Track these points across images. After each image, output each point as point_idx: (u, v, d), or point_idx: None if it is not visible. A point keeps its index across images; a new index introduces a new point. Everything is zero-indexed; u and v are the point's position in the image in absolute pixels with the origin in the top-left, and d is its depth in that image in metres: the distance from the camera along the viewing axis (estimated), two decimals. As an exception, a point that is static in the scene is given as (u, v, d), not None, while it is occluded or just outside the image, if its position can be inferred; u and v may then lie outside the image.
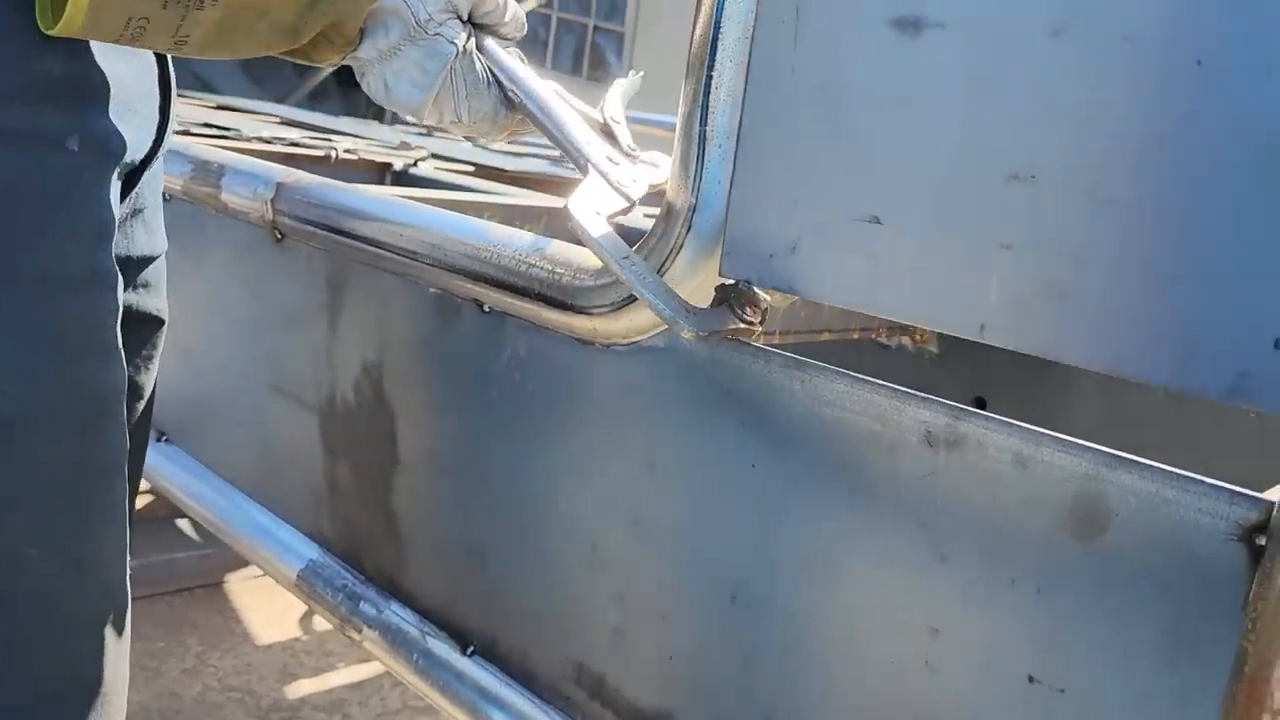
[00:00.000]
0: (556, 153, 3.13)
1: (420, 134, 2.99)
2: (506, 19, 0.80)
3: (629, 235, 0.69)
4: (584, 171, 0.74)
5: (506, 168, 2.15)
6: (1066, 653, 0.53)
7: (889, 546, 0.60)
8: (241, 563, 2.02)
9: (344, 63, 0.76)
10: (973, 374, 1.17)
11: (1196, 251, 0.47)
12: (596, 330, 0.73)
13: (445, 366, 0.88)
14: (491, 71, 0.77)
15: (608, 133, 0.78)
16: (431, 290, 0.87)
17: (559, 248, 0.76)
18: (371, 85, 0.76)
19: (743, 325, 0.64)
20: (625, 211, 0.72)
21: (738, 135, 0.63)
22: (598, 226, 0.66)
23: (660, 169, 0.76)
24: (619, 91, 0.82)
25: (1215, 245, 0.46)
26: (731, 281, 0.65)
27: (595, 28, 9.53)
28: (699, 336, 0.62)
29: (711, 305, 0.65)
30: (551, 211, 1.49)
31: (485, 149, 3.19)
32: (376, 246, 0.89)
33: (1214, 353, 0.47)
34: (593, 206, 0.69)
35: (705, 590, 0.69)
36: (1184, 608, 0.50)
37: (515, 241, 0.78)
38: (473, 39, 0.77)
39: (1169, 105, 0.47)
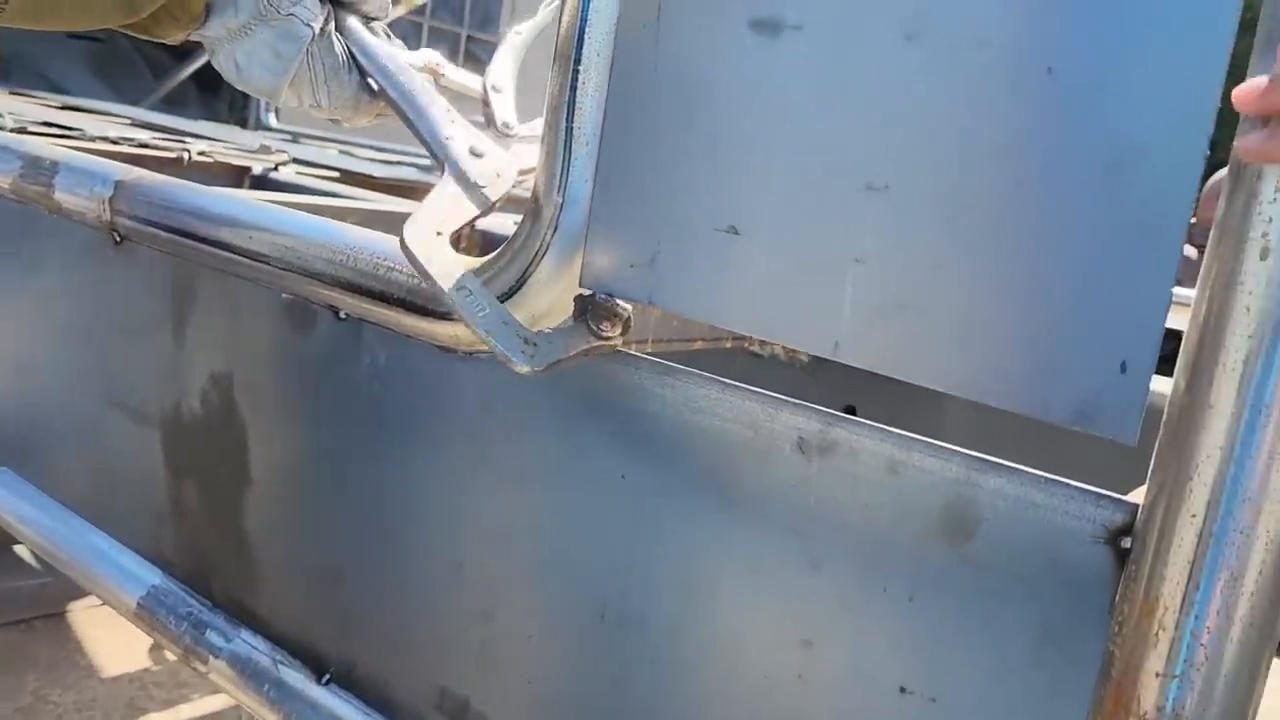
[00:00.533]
0: (428, 160, 3.06)
1: (286, 139, 2.89)
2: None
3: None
4: (440, 170, 0.70)
5: (375, 174, 2.08)
6: (938, 661, 0.53)
7: (761, 557, 0.58)
8: (86, 591, 1.90)
9: (192, 39, 0.71)
10: (844, 382, 1.18)
11: (1046, 269, 0.46)
12: (458, 337, 0.69)
13: (300, 377, 0.83)
14: (352, 54, 0.73)
15: (486, 106, 0.74)
16: (284, 296, 0.82)
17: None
18: (222, 64, 0.72)
19: (599, 342, 0.61)
20: (481, 216, 0.68)
21: (601, 135, 0.61)
22: (435, 255, 0.61)
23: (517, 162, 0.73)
24: (509, 53, 0.77)
25: (1065, 263, 0.46)
26: (588, 293, 0.62)
27: (469, 37, 9.43)
28: (535, 371, 0.58)
29: (572, 318, 0.62)
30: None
31: (353, 155, 3.09)
32: (225, 250, 0.84)
33: (1062, 377, 0.46)
34: (436, 223, 0.64)
35: (574, 608, 0.66)
36: (1053, 612, 0.49)
37: (373, 245, 0.74)
38: (332, 20, 0.73)
39: (1020, 114, 0.46)
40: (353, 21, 0.74)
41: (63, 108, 2.39)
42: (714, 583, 0.60)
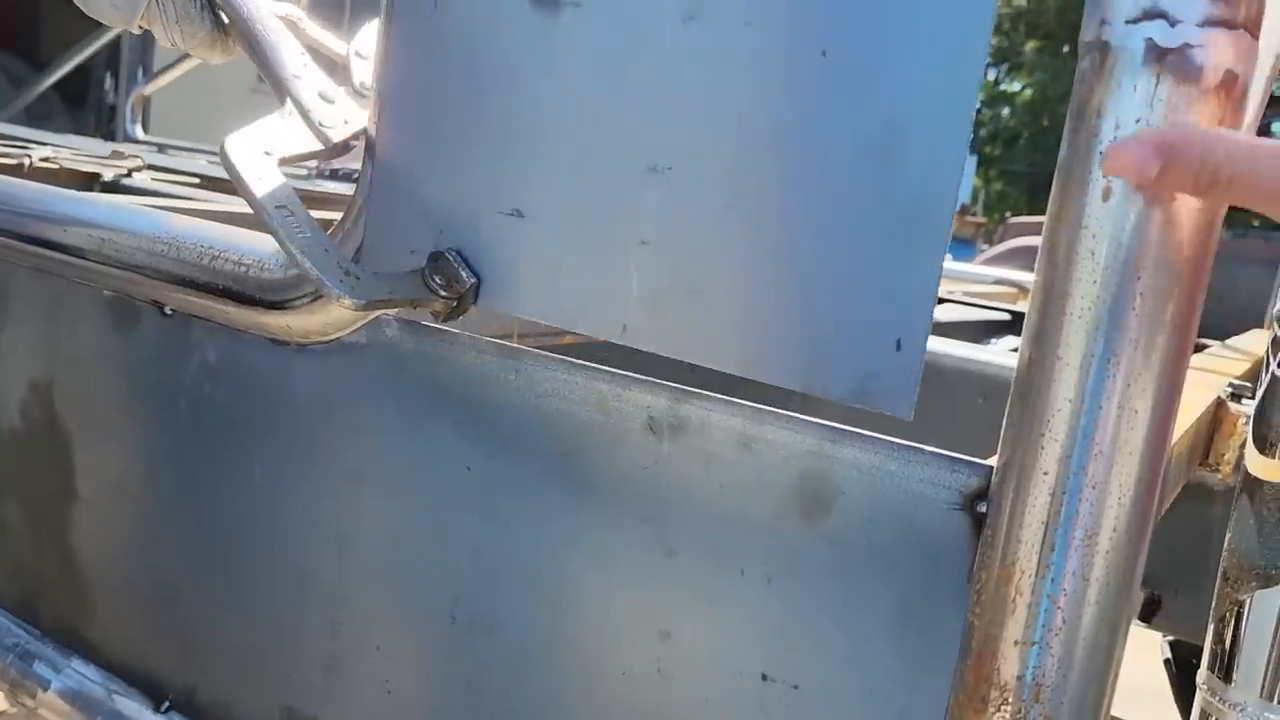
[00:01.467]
0: (301, 170, 2.97)
1: (151, 151, 2.76)
2: None
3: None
4: (281, 104, 0.64)
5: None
6: (799, 646, 0.50)
7: (615, 546, 0.55)
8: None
9: None
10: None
11: (821, 250, 0.46)
12: (290, 327, 0.64)
13: (125, 380, 0.76)
14: None
15: (347, 70, 0.69)
16: (105, 294, 0.75)
17: (246, 237, 0.67)
18: None
19: (430, 298, 0.55)
20: (318, 156, 0.62)
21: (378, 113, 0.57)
22: (258, 167, 0.56)
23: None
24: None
25: (838, 245, 0.46)
26: (441, 250, 0.57)
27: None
28: (356, 307, 0.53)
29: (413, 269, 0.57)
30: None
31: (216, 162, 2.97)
32: (39, 245, 0.77)
33: (840, 355, 0.46)
34: (265, 144, 0.58)
35: (423, 612, 0.62)
36: (912, 586, 0.47)
37: (196, 233, 0.69)
38: None
39: (795, 97, 0.46)
40: None
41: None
42: (567, 576, 0.56)
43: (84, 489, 0.79)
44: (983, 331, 1.84)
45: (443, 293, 0.55)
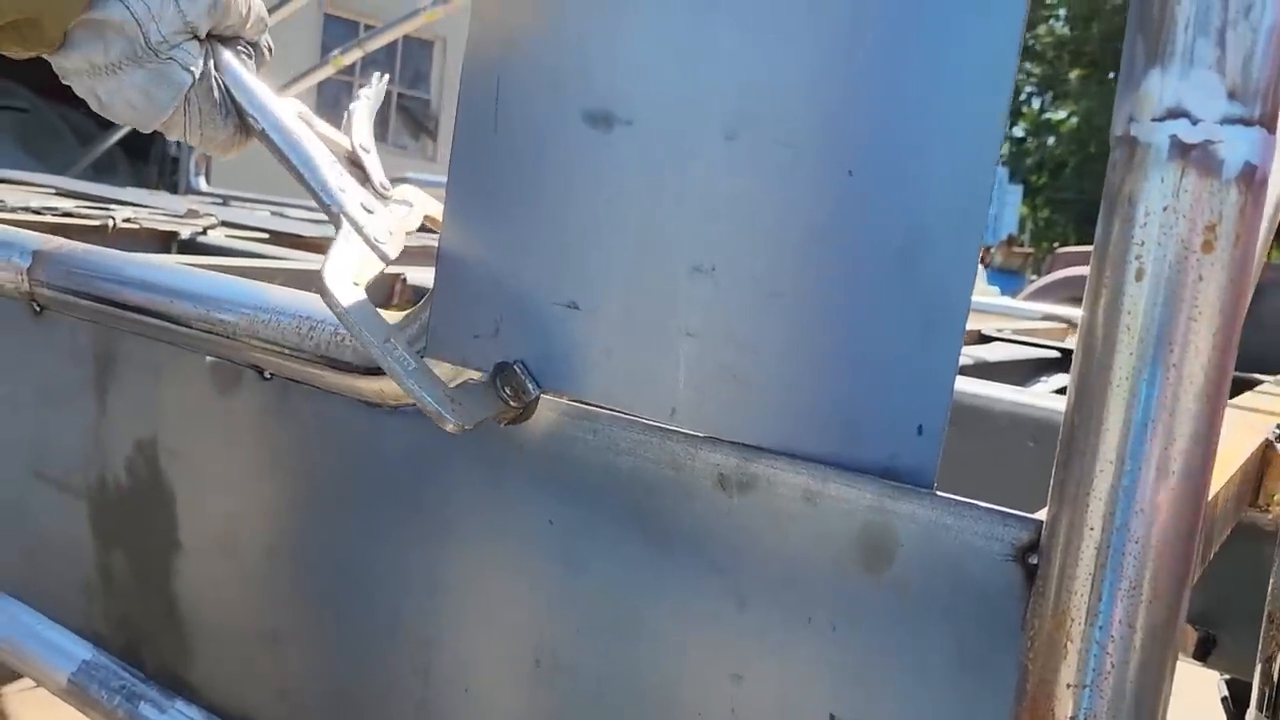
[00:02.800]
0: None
1: (215, 203, 2.87)
2: (248, 24, 0.71)
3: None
4: (336, 225, 0.68)
5: (304, 234, 2.08)
6: (864, 688, 0.54)
7: (689, 595, 0.59)
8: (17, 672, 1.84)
9: (42, 57, 0.65)
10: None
11: (849, 342, 0.52)
12: (384, 392, 0.70)
13: (227, 439, 0.82)
14: (229, 93, 0.69)
15: (357, 165, 0.72)
16: (208, 359, 0.81)
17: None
18: (78, 91, 0.66)
19: (506, 409, 0.62)
20: (381, 272, 0.68)
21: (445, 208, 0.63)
22: (353, 300, 0.60)
23: (415, 210, 0.73)
24: (364, 109, 0.75)
25: (865, 336, 0.52)
26: (506, 361, 0.63)
27: (400, 94, 9.48)
28: (464, 429, 0.58)
29: (484, 380, 0.63)
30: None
31: (284, 216, 3.07)
32: (146, 315, 0.83)
33: (870, 436, 0.52)
34: (349, 273, 0.63)
35: (508, 657, 0.66)
36: (968, 631, 0.51)
37: (294, 305, 0.74)
38: (210, 59, 0.68)
39: (825, 208, 0.52)
40: (229, 57, 0.69)
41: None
42: (644, 622, 0.61)
43: (187, 540, 0.85)
44: (1032, 370, 1.86)
45: (512, 403, 0.61)
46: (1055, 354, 1.94)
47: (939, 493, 0.51)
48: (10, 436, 1.02)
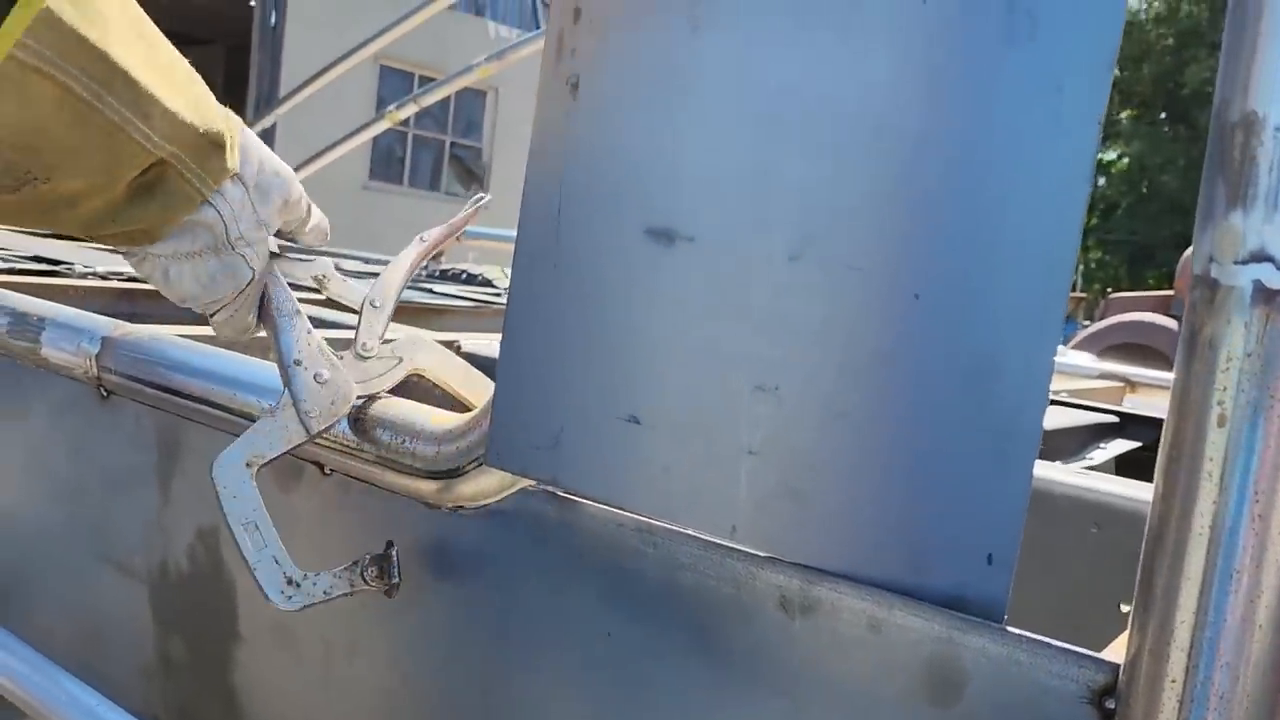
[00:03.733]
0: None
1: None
2: (307, 227, 0.78)
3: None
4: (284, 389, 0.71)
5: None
6: (933, 825, 0.52)
7: (748, 716, 0.58)
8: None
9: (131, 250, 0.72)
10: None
11: (917, 467, 0.51)
12: (443, 493, 0.70)
13: (287, 532, 0.83)
14: (264, 293, 0.75)
15: (356, 327, 0.75)
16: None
17: (400, 408, 0.73)
18: (143, 268, 0.72)
19: (361, 588, 0.67)
20: (296, 448, 0.70)
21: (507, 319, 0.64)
22: (235, 484, 0.67)
23: (402, 365, 0.75)
24: (405, 263, 0.77)
25: (933, 462, 0.50)
26: (375, 553, 0.69)
27: (453, 144, 9.64)
28: (286, 610, 0.67)
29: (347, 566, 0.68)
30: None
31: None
32: (210, 405, 0.85)
33: (937, 564, 0.51)
34: (250, 453, 0.68)
35: (566, 769, 0.66)
36: (1042, 774, 0.49)
37: (355, 403, 0.75)
38: (271, 261, 0.75)
39: (892, 330, 0.51)
40: (277, 269, 0.76)
41: (52, 235, 2.42)
42: (705, 743, 0.60)
43: (246, 630, 0.86)
44: (1090, 437, 1.82)
45: (369, 584, 0.66)
46: (1114, 419, 1.90)
47: (1010, 628, 0.50)
48: (75, 518, 1.04)
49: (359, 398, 0.72)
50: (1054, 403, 2.04)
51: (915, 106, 0.51)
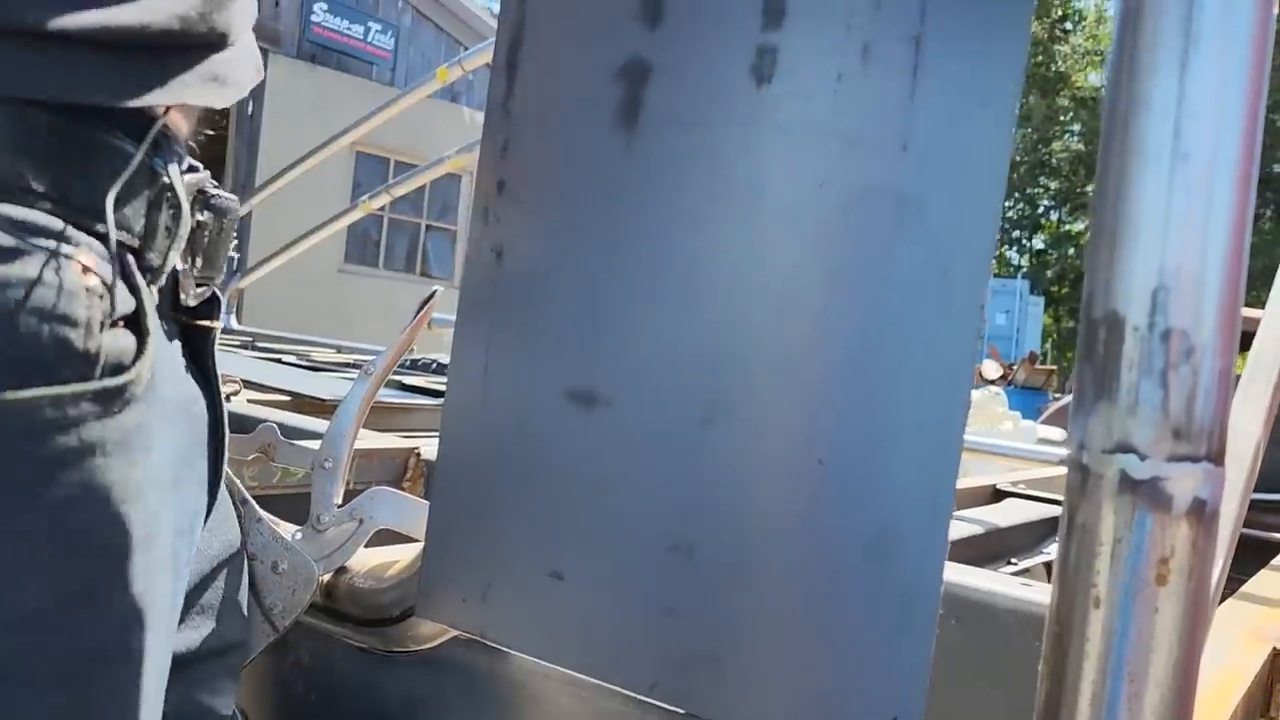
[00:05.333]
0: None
1: (243, 341, 2.94)
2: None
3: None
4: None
5: (325, 397, 2.11)
6: None
7: None
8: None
9: None
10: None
11: (824, 629, 0.53)
12: (379, 638, 0.71)
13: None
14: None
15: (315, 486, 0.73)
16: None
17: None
18: None
19: None
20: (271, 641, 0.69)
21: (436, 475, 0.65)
22: None
23: (362, 528, 0.72)
24: (351, 414, 0.75)
25: (839, 628, 0.52)
26: None
27: (428, 226, 9.73)
28: None
29: None
30: (366, 454, 1.46)
31: (309, 360, 3.13)
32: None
33: None
34: None
35: None
36: None
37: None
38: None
39: (798, 495, 0.54)
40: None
41: None
42: None
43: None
44: (1047, 532, 1.84)
45: None
46: (1070, 512, 1.91)
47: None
48: None
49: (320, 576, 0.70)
50: (1011, 495, 2.07)
51: (815, 284, 0.54)
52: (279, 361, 2.78)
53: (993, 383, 11.60)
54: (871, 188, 0.55)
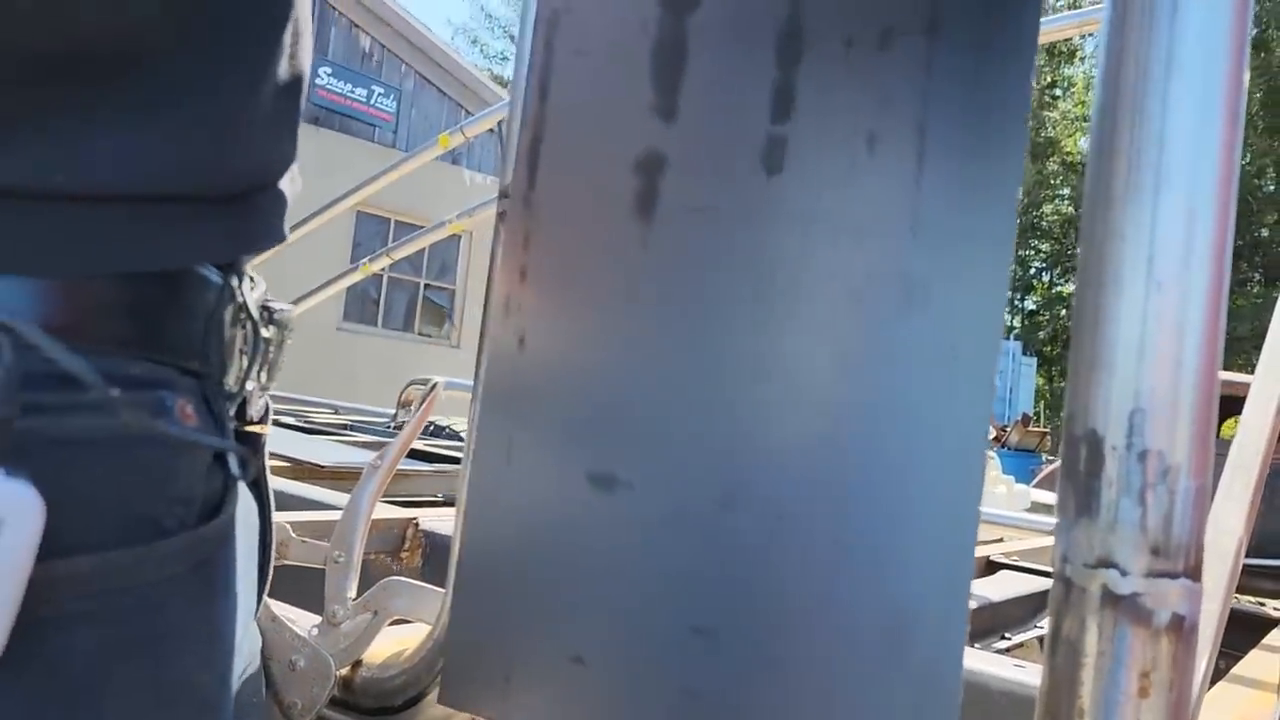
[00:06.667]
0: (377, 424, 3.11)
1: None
2: None
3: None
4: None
5: (323, 464, 2.13)
6: None
7: None
8: None
9: None
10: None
11: (842, 715, 0.54)
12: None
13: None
14: None
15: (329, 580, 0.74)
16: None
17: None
18: None
19: None
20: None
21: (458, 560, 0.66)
22: None
23: (374, 623, 0.72)
24: (361, 509, 0.75)
25: (860, 710, 0.53)
26: None
27: (426, 285, 9.79)
28: None
29: None
30: (377, 524, 1.47)
31: (308, 422, 3.13)
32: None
33: None
34: None
35: None
36: None
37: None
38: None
39: (816, 579, 0.55)
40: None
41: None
42: None
43: None
44: (1040, 605, 1.85)
45: None
46: (1065, 585, 1.92)
47: None
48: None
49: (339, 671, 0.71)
50: (1005, 567, 2.07)
51: (826, 369, 0.57)
52: (278, 424, 2.79)
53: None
54: (880, 272, 0.57)
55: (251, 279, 0.55)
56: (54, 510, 0.38)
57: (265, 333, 0.56)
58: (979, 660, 1.16)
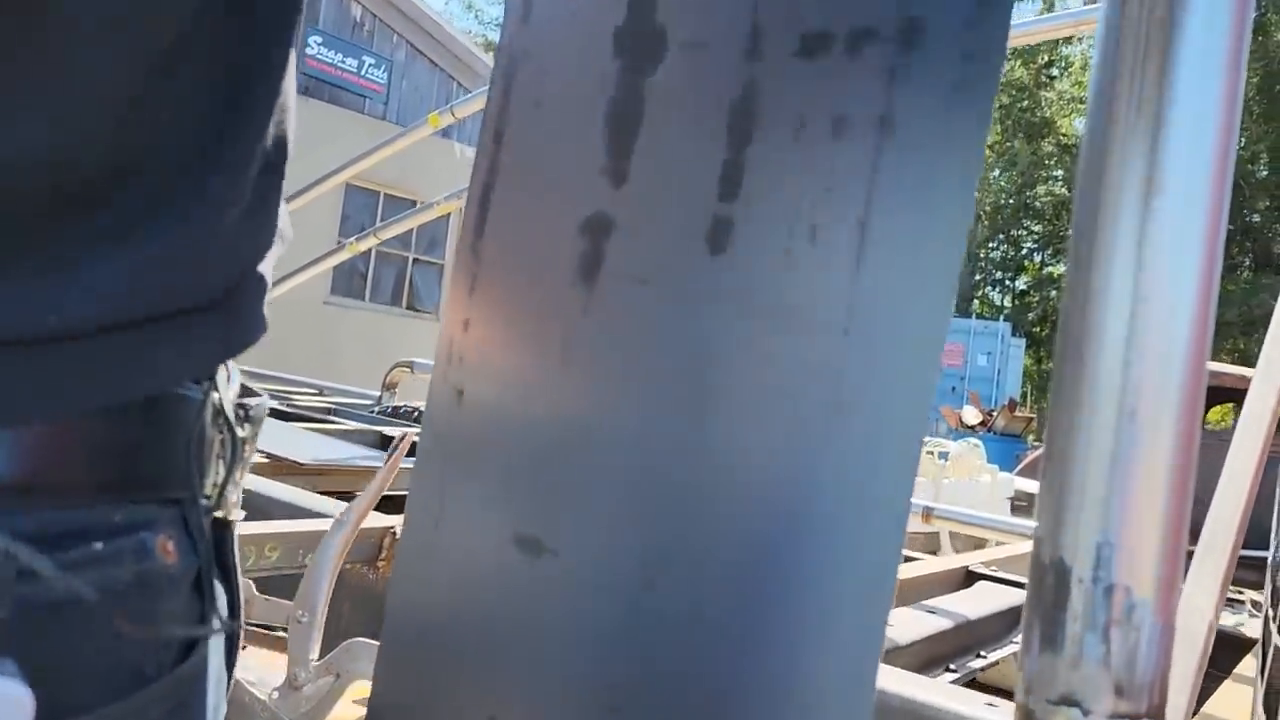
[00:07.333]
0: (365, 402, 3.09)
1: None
2: None
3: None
4: None
5: (302, 461, 2.11)
6: None
7: None
8: None
9: None
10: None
11: None
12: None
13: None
14: None
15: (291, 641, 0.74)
16: None
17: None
18: None
19: None
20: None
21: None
22: None
23: (336, 686, 0.73)
24: (325, 566, 0.76)
25: None
26: None
27: (414, 260, 9.74)
28: None
29: None
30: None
31: (289, 402, 3.11)
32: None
33: None
34: None
35: None
36: None
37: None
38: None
39: (729, 668, 0.54)
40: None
41: None
42: None
43: None
44: (1017, 620, 1.86)
45: None
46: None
47: None
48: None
49: None
50: (983, 578, 2.08)
51: (753, 459, 0.56)
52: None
53: (973, 428, 11.64)
54: (812, 367, 0.56)
55: (228, 371, 0.52)
56: (45, 677, 0.36)
57: (241, 432, 0.53)
58: (950, 698, 1.16)
